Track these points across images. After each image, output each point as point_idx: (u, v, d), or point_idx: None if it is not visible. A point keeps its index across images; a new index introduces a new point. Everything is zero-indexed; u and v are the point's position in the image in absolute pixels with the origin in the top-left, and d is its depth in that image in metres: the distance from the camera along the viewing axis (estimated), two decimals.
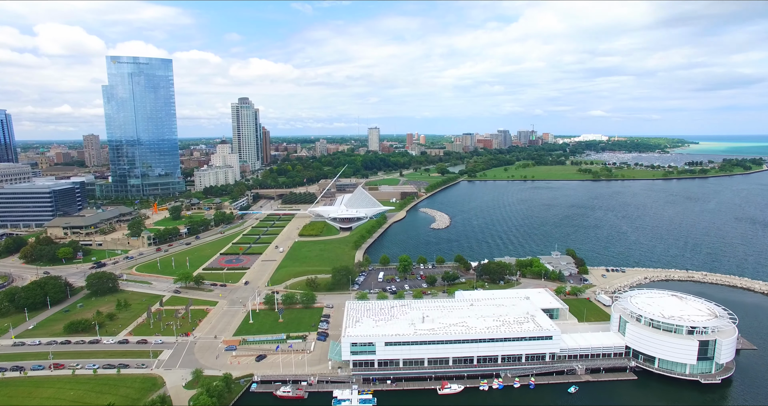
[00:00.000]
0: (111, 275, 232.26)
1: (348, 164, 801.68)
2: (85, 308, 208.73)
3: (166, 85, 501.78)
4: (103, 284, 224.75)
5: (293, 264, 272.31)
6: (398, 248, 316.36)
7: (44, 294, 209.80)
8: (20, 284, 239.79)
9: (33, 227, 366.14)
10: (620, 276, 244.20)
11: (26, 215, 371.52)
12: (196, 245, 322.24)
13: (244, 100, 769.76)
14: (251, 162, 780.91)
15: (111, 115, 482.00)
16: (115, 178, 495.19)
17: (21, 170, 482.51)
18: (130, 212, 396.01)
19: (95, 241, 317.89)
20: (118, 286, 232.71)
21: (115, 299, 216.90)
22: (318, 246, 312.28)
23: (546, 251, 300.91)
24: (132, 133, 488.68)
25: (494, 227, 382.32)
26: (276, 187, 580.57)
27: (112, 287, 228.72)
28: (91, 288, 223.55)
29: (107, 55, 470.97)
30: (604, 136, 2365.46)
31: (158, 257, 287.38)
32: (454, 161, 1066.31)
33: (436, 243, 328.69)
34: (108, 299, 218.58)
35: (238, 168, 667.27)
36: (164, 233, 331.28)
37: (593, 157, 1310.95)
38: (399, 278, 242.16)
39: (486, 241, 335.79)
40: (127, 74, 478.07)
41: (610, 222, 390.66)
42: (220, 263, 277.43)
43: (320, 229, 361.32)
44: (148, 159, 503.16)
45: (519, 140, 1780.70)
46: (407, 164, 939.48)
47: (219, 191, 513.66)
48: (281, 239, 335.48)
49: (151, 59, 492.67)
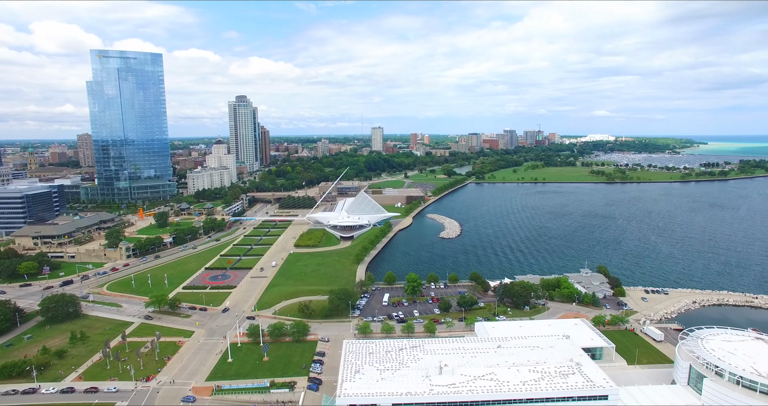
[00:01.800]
0: (71, 298, 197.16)
1: (350, 165, 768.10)
2: (32, 342, 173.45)
3: (155, 82, 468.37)
4: (61, 308, 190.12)
5: (286, 282, 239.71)
6: (405, 261, 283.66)
7: None
8: None
9: (3, 236, 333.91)
10: (663, 299, 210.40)
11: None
12: (181, 257, 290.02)
13: (242, 99, 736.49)
14: (249, 163, 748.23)
15: (96, 113, 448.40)
16: (101, 181, 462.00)
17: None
18: (113, 218, 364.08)
19: (67, 252, 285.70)
20: (80, 310, 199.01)
21: (79, 326, 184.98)
22: (315, 259, 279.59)
23: (570, 266, 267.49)
24: (119, 132, 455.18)
25: (509, 236, 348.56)
26: (274, 189, 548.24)
27: (73, 312, 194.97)
28: (46, 314, 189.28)
29: (91, 49, 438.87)
30: (611, 136, 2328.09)
31: (134, 273, 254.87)
32: (460, 162, 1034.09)
33: (447, 256, 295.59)
34: (65, 328, 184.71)
35: (234, 169, 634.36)
36: (146, 243, 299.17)
37: (603, 157, 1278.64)
38: (407, 301, 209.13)
39: (502, 253, 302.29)
40: (114, 70, 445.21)
41: (635, 233, 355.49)
42: (203, 279, 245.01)
43: (318, 238, 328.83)
44: (137, 160, 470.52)
45: (525, 140, 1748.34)
46: (412, 165, 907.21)
47: (212, 195, 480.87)
48: (275, 251, 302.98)
49: (140, 54, 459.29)
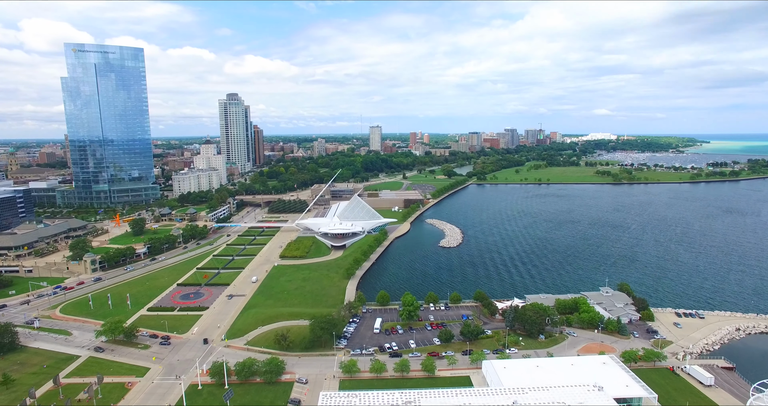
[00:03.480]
0: (5, 327, 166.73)
1: (346, 166, 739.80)
2: None
3: (136, 78, 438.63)
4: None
5: (265, 302, 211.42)
6: (401, 276, 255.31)
7: None
8: None
9: None
10: (699, 325, 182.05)
11: None
12: (152, 271, 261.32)
13: (233, 96, 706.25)
14: (241, 164, 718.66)
15: (73, 111, 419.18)
16: (79, 184, 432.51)
17: None
18: (85, 225, 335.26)
19: (24, 266, 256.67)
20: (16, 341, 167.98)
21: (10, 362, 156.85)
22: (301, 273, 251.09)
23: (586, 282, 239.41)
24: (97, 131, 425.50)
25: (515, 246, 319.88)
26: (264, 192, 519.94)
27: (8, 344, 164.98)
28: None
29: (65, 43, 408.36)
30: (613, 135, 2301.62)
31: (96, 291, 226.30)
32: (460, 162, 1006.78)
33: (448, 269, 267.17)
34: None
35: (224, 171, 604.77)
36: (115, 254, 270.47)
37: (606, 157, 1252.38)
38: (402, 328, 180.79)
39: (509, 266, 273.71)
40: (91, 65, 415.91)
41: (652, 243, 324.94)
42: (172, 299, 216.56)
43: (307, 248, 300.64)
44: (117, 161, 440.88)
45: (527, 140, 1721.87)
46: (411, 165, 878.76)
47: (197, 198, 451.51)
48: (258, 263, 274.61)
49: (119, 48, 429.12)
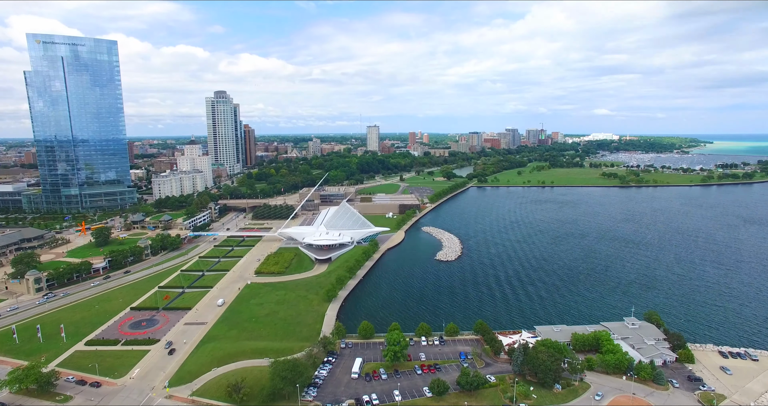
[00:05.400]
0: None
1: (341, 167, 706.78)
2: None
3: (110, 73, 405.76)
4: None
5: (228, 333, 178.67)
6: (390, 299, 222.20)
7: None
8: None
9: None
10: (755, 370, 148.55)
11: None
12: (108, 290, 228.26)
13: (221, 94, 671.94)
14: (229, 165, 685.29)
15: (37, 108, 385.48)
16: (47, 188, 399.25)
17: None
18: (42, 235, 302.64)
19: None
20: None
21: None
22: (276, 294, 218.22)
23: (603, 307, 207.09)
24: (66, 131, 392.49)
25: (520, 261, 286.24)
26: (251, 196, 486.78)
27: None
28: None
29: (27, 33, 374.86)
30: (615, 135, 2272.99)
31: (27, 319, 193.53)
32: (460, 163, 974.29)
33: (444, 289, 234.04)
34: None
35: (210, 173, 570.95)
36: (68, 270, 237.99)
37: (609, 157, 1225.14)
38: (386, 372, 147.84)
39: (515, 286, 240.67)
40: (59, 58, 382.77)
41: (672, 259, 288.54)
42: (119, 328, 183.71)
43: (287, 261, 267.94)
44: (89, 163, 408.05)
45: (528, 140, 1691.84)
46: (409, 166, 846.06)
47: (176, 203, 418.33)
48: (230, 280, 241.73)
49: (92, 40, 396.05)
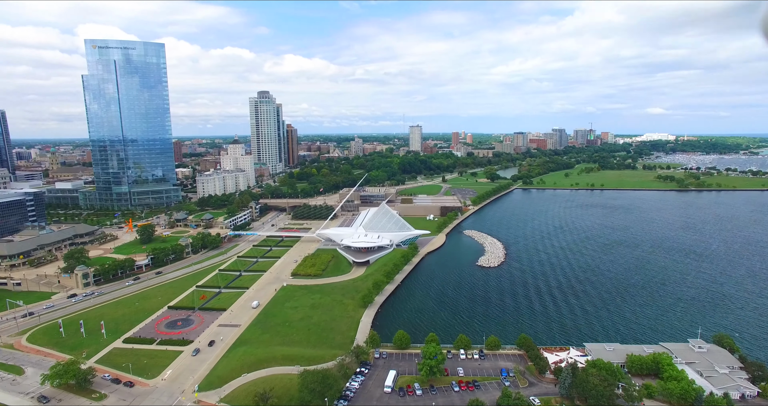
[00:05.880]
0: None
1: (382, 167, 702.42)
2: None
3: (157, 75, 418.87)
4: None
5: (260, 336, 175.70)
6: (428, 307, 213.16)
7: None
8: None
9: None
10: None
11: None
12: (148, 288, 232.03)
13: (264, 94, 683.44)
14: (272, 164, 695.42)
15: (92, 110, 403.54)
16: (100, 185, 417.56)
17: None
18: (93, 231, 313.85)
19: (13, 279, 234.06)
20: None
21: None
22: (311, 298, 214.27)
23: (662, 326, 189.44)
24: (117, 131, 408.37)
25: (567, 271, 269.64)
26: (291, 196, 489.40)
27: None
28: None
29: (85, 39, 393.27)
30: (671, 135, 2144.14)
31: (73, 313, 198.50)
32: (504, 164, 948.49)
33: (486, 297, 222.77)
34: None
35: (252, 172, 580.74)
36: (113, 266, 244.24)
37: (665, 159, 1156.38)
38: (421, 386, 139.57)
39: (561, 298, 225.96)
40: (112, 61, 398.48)
41: (745, 275, 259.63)
42: (156, 327, 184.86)
43: (325, 263, 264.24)
44: (138, 162, 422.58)
45: (576, 140, 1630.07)
46: (451, 167, 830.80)
47: (218, 202, 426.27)
48: (266, 281, 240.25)
49: (140, 44, 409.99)
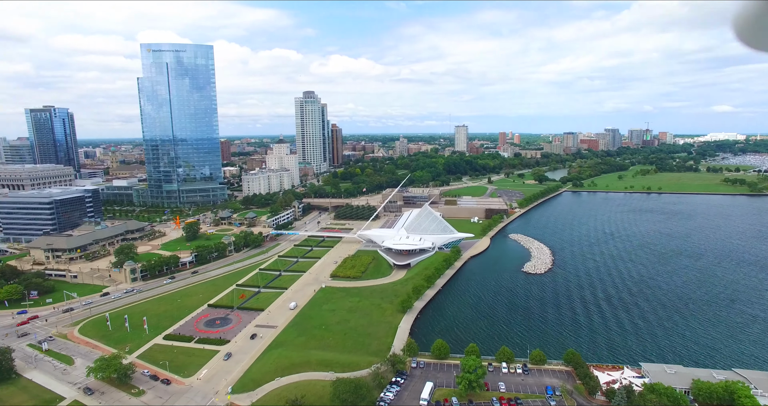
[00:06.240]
0: (2, 352, 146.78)
1: (427, 168, 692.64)
2: None
3: (206, 76, 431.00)
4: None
5: (296, 339, 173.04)
6: (469, 314, 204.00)
7: None
8: None
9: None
10: None
11: (28, 228, 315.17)
12: (190, 285, 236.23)
13: (309, 94, 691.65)
14: (316, 164, 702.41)
15: (146, 111, 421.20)
16: (151, 183, 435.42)
17: (62, 172, 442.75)
18: (143, 227, 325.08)
19: (70, 271, 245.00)
20: (13, 368, 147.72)
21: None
22: (350, 300, 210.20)
23: (732, 350, 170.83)
24: (168, 131, 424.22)
25: (621, 281, 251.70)
26: (335, 196, 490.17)
27: (4, 371, 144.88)
28: None
29: (141, 43, 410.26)
30: (740, 135, 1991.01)
31: (119, 308, 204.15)
32: (553, 165, 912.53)
33: (531, 306, 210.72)
34: None
35: (296, 171, 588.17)
36: (158, 263, 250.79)
37: (732, 161, 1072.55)
38: (459, 401, 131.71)
39: (613, 311, 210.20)
40: (164, 64, 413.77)
41: None
42: (195, 325, 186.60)
43: (365, 265, 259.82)
44: (187, 160, 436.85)
45: (630, 141, 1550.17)
46: (498, 168, 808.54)
47: (262, 201, 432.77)
48: (305, 282, 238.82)
49: (191, 46, 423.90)
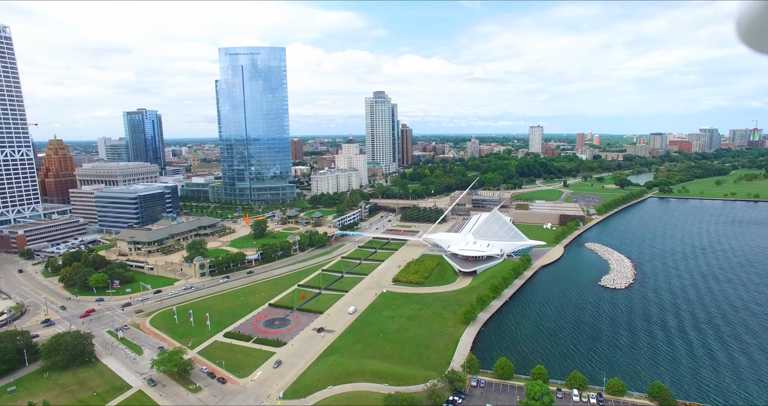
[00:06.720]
0: (85, 337, 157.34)
1: (498, 170, 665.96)
2: (17, 396, 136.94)
3: (278, 78, 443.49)
4: (66, 352, 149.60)
5: (352, 346, 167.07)
6: (538, 330, 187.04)
7: None
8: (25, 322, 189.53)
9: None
10: None
11: (117, 221, 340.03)
12: (254, 283, 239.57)
13: (380, 95, 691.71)
14: (385, 164, 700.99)
15: (224, 112, 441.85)
16: (226, 181, 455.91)
17: (148, 169, 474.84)
18: (215, 223, 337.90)
19: (148, 263, 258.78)
20: (93, 352, 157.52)
21: (77, 379, 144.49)
22: (410, 307, 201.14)
23: None
24: (242, 131, 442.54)
25: (711, 303, 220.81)
26: (402, 197, 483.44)
27: (86, 355, 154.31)
28: (48, 359, 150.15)
29: (219, 48, 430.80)
30: None
31: (186, 302, 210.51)
32: (637, 168, 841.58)
33: (609, 324, 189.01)
34: (62, 381, 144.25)
35: (365, 171, 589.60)
36: (226, 259, 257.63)
37: None
38: None
39: (706, 337, 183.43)
40: (239, 66, 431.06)
41: None
42: (255, 324, 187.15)
43: (428, 270, 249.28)
44: (260, 159, 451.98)
45: (731, 142, 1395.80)
46: (574, 171, 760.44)
47: (329, 200, 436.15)
48: (366, 286, 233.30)
49: (265, 49, 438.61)
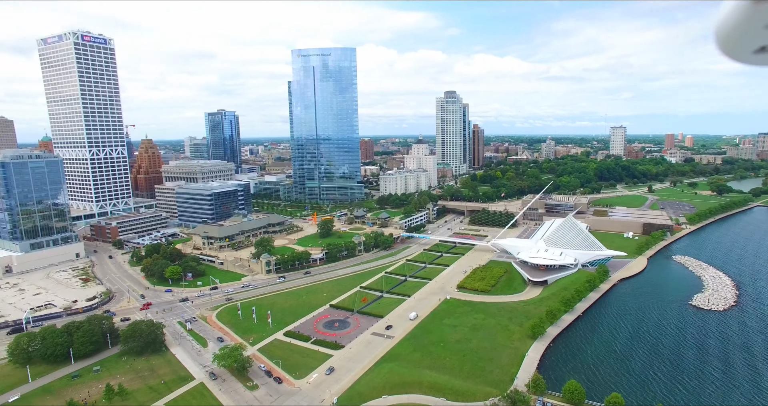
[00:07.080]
0: (158, 326, 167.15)
1: (575, 173, 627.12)
2: (100, 376, 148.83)
3: (349, 78, 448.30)
4: (140, 339, 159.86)
5: (411, 354, 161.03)
6: (614, 349, 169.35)
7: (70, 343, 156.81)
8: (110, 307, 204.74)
9: None
10: None
11: (195, 216, 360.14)
12: (317, 282, 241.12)
13: (451, 94, 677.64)
14: (455, 165, 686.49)
15: (296, 112, 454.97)
16: (296, 180, 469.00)
17: (225, 167, 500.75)
18: (283, 221, 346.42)
19: (218, 258, 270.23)
20: (164, 341, 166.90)
21: (149, 365, 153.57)
22: (474, 317, 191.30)
23: None
24: (312, 131, 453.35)
25: None
26: (472, 199, 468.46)
27: (158, 343, 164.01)
28: (126, 344, 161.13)
29: (292, 49, 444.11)
30: None
31: (251, 298, 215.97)
32: (740, 173, 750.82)
33: (702, 352, 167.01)
34: (137, 365, 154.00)
35: (434, 172, 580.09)
36: (291, 257, 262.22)
37: None
38: None
39: None
40: (311, 67, 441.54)
41: None
42: (315, 325, 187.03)
43: (496, 278, 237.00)
44: (330, 159, 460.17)
45: None
46: (662, 175, 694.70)
47: (397, 201, 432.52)
48: (429, 291, 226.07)
49: (337, 50, 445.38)
